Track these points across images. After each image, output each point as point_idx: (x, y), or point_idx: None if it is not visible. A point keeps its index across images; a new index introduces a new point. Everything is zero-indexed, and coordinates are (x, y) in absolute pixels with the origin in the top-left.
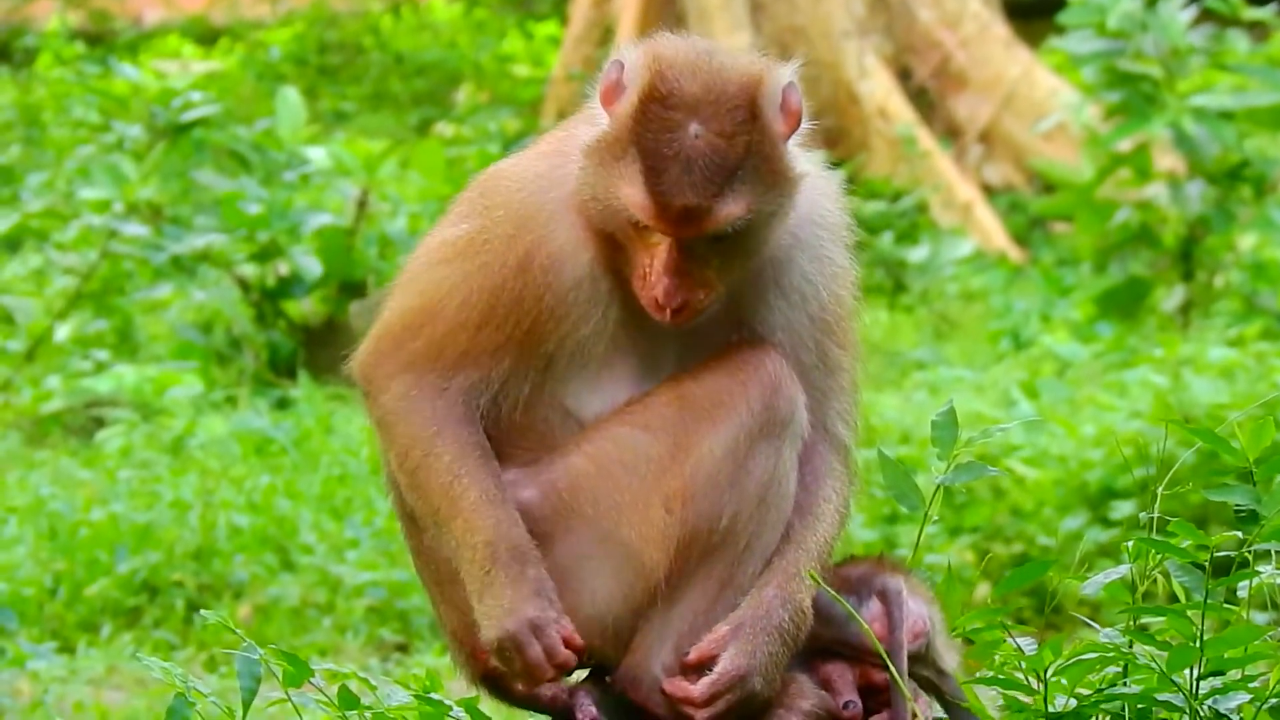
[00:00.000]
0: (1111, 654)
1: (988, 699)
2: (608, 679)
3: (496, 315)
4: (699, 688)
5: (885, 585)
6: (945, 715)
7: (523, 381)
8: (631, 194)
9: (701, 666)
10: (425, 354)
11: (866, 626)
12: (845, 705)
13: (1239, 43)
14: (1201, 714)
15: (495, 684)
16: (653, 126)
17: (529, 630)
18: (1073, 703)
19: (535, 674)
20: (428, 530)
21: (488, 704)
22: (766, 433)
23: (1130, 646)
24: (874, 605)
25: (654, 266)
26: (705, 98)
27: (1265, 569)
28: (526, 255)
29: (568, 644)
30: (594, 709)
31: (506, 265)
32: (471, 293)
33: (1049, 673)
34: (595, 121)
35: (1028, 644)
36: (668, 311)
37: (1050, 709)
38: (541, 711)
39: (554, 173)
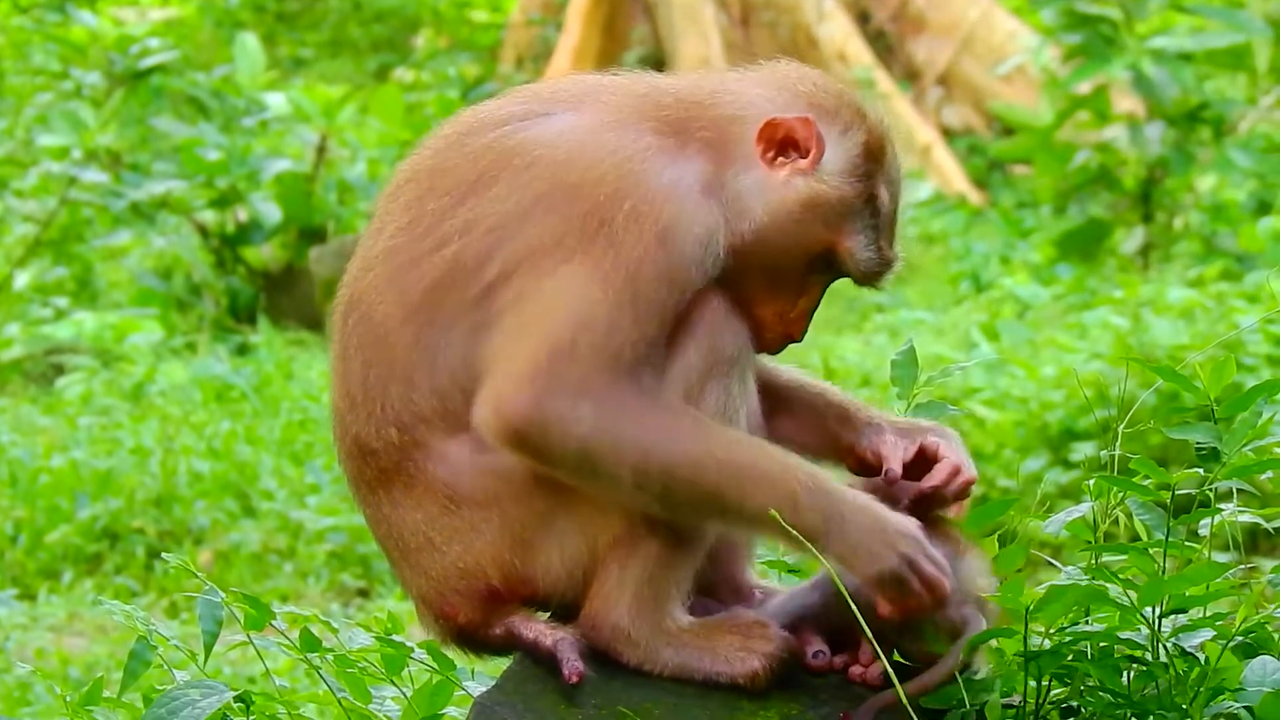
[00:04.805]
0: (1086, 590)
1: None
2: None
3: (647, 292)
4: (937, 476)
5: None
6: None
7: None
8: (853, 247)
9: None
10: (597, 365)
11: (834, 573)
12: (814, 655)
13: None
14: (1167, 649)
15: (471, 640)
16: (880, 188)
17: (915, 545)
18: (1046, 644)
19: (936, 587)
20: (705, 516)
21: (452, 651)
22: (715, 373)
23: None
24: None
25: (800, 305)
26: (898, 157)
27: (1226, 507)
28: (668, 228)
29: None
30: (580, 663)
31: (642, 239)
32: (611, 276)
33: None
34: (632, 91)
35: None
36: (784, 344)
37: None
38: (529, 654)
39: (664, 149)
